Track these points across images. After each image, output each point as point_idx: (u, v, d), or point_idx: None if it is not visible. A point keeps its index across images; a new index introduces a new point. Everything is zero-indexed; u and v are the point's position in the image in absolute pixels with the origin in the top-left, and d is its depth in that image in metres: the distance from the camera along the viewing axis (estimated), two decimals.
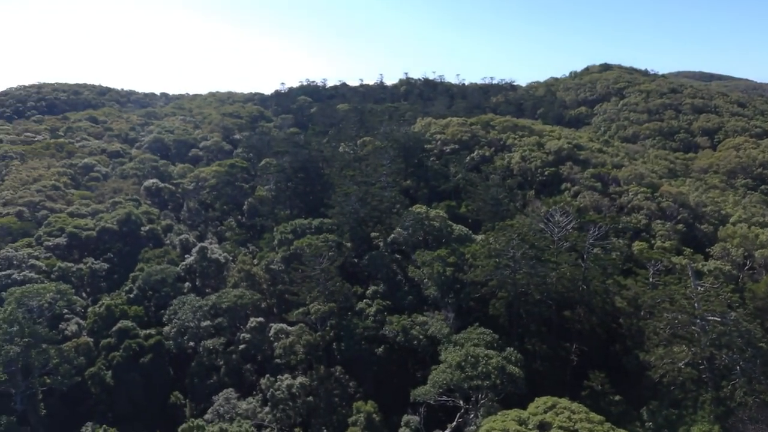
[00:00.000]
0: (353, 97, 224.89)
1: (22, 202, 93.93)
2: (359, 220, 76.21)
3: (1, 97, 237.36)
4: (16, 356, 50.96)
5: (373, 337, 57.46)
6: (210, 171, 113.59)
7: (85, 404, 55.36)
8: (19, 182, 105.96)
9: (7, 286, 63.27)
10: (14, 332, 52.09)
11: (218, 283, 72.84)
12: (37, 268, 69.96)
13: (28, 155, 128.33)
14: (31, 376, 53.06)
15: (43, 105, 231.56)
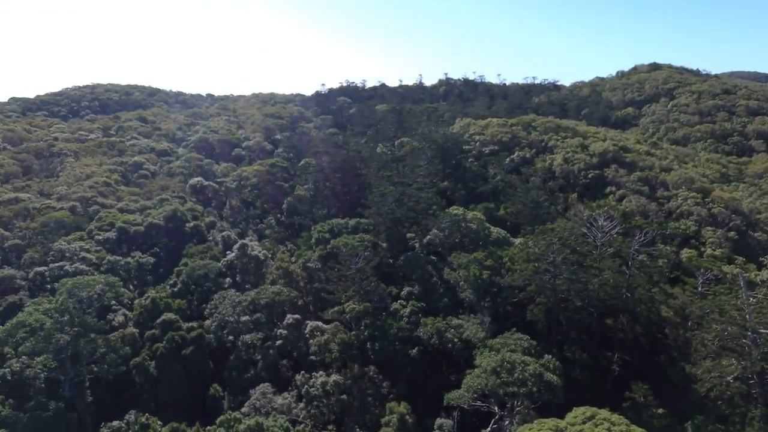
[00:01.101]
0: (392, 97, 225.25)
1: (75, 197, 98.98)
2: (395, 221, 76.21)
3: (57, 96, 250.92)
4: (66, 344, 53.52)
5: (407, 339, 57.29)
6: (252, 170, 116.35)
7: (129, 393, 57.54)
8: (72, 178, 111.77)
9: (59, 277, 66.82)
10: (65, 321, 54.76)
11: (257, 279, 74.47)
12: (87, 260, 73.53)
13: (81, 153, 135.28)
14: (80, 364, 55.56)
15: (97, 105, 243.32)
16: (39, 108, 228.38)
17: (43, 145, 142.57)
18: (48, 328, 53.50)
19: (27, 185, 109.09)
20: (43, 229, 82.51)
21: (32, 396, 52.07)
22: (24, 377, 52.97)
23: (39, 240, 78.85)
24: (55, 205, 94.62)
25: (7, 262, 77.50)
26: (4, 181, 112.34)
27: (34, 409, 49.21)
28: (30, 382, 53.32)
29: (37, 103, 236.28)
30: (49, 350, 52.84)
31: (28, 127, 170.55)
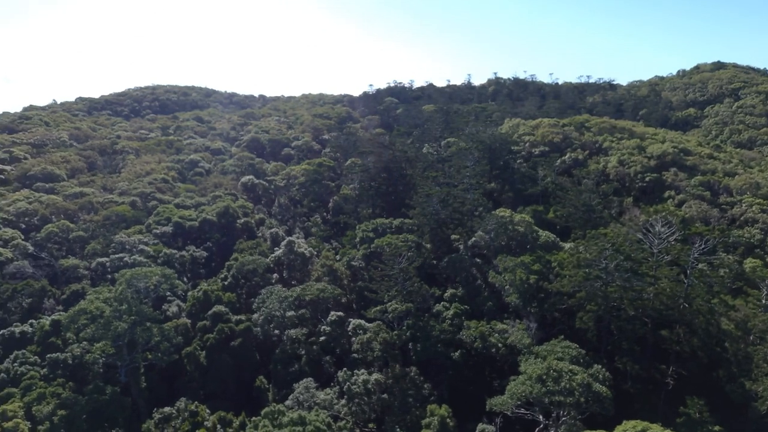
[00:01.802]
0: (439, 97, 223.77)
1: (136, 192, 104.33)
2: (440, 222, 75.62)
3: (120, 97, 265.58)
4: (123, 332, 56.39)
5: (450, 341, 56.73)
6: (300, 169, 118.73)
7: (180, 381, 60.01)
8: (133, 175, 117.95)
9: (119, 267, 70.62)
10: (123, 310, 57.73)
11: (303, 275, 75.90)
12: (145, 253, 77.30)
13: (142, 150, 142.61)
14: (135, 351, 58.35)
15: (157, 105, 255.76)
16: (103, 107, 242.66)
17: (106, 143, 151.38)
18: (107, 316, 56.51)
19: (91, 180, 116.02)
20: (106, 222, 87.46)
21: (91, 380, 55.34)
22: (84, 362, 56.37)
23: (101, 232, 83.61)
24: (117, 200, 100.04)
25: (71, 252, 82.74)
26: (71, 176, 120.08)
27: (92, 393, 52.22)
28: (89, 366, 56.68)
29: (101, 103, 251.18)
30: (107, 337, 55.75)
31: (93, 126, 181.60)
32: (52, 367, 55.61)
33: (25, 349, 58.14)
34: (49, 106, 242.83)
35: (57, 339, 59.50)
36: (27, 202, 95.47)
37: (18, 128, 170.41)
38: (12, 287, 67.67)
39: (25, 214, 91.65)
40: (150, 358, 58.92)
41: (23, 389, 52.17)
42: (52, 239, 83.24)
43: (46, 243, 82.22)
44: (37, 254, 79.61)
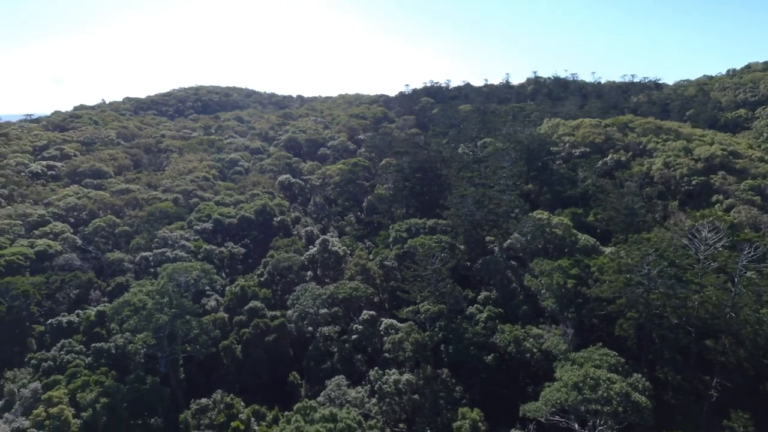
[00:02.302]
0: (476, 97, 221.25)
1: (178, 190, 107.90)
2: (474, 223, 74.71)
3: (165, 97, 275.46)
4: (164, 324, 58.24)
5: (483, 344, 55.95)
6: (335, 169, 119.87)
7: (217, 373, 61.62)
8: (176, 172, 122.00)
9: (161, 262, 73.18)
10: (164, 303, 59.71)
11: (336, 274, 76.60)
12: (186, 248, 79.81)
13: (184, 149, 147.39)
14: (175, 343, 60.23)
15: (199, 105, 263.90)
16: (149, 107, 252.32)
17: (151, 142, 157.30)
18: (149, 308, 58.55)
19: (137, 177, 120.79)
20: (150, 217, 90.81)
21: (132, 370, 57.53)
22: (126, 352, 58.67)
23: (145, 228, 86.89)
24: (161, 197, 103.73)
25: (117, 246, 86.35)
26: (117, 173, 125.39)
27: (133, 382, 54.25)
28: (131, 356, 58.93)
29: (147, 103, 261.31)
30: (149, 328, 57.74)
31: (140, 125, 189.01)
32: (96, 356, 58.12)
33: (72, 338, 61.02)
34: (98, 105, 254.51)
35: (101, 329, 62.16)
36: (76, 198, 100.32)
37: (69, 127, 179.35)
38: (61, 278, 71.16)
39: (74, 209, 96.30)
40: (189, 350, 60.65)
41: (68, 376, 54.69)
42: (99, 233, 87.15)
43: (94, 237, 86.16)
44: (85, 247, 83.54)
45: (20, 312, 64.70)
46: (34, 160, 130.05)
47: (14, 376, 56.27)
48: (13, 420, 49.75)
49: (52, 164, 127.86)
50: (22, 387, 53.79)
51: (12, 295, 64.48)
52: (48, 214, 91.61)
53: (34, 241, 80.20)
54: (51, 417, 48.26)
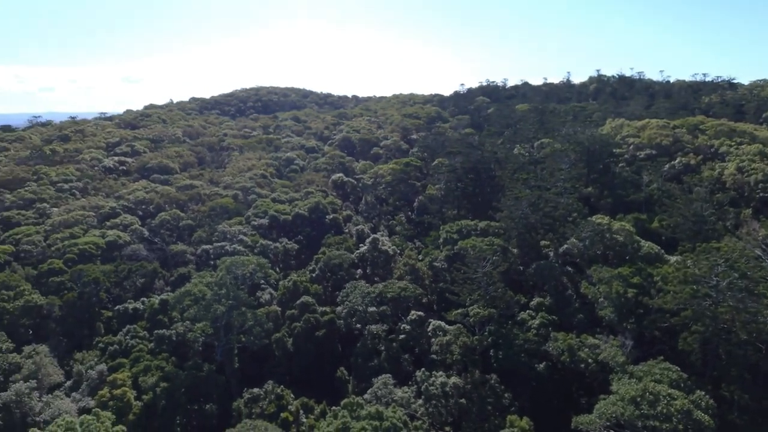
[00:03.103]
0: (535, 96, 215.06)
1: (238, 186, 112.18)
2: (529, 226, 72.67)
3: (228, 97, 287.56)
4: (221, 314, 60.84)
5: (534, 352, 54.39)
6: (387, 168, 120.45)
7: (269, 364, 63.46)
8: (236, 170, 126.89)
9: (220, 255, 76.39)
10: (222, 294, 62.29)
11: (386, 273, 76.97)
12: (244, 242, 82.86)
13: (244, 147, 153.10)
14: (231, 333, 62.73)
15: (259, 105, 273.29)
16: (213, 107, 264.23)
17: (214, 140, 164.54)
18: (208, 299, 61.31)
19: (200, 174, 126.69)
20: (211, 212, 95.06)
21: (191, 357, 60.46)
22: (186, 339, 61.72)
23: (207, 222, 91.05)
24: (222, 193, 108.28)
25: (180, 239, 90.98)
26: (183, 170, 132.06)
27: (191, 369, 56.98)
28: (190, 344, 61.95)
29: (211, 103, 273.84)
30: (207, 318, 60.50)
31: (204, 124, 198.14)
32: (158, 342, 61.50)
33: (137, 324, 64.87)
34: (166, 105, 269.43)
35: (164, 317, 65.70)
36: (145, 192, 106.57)
37: (139, 125, 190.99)
38: (128, 268, 75.81)
39: (143, 203, 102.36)
40: (243, 340, 62.94)
41: (132, 360, 58.15)
42: (165, 226, 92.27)
43: (160, 229, 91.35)
44: (151, 239, 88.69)
45: (91, 298, 69.52)
46: (107, 156, 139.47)
47: (83, 357, 60.41)
48: (80, 399, 53.55)
49: (123, 160, 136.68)
50: (90, 368, 57.69)
51: (84, 282, 69.40)
52: (119, 207, 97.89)
53: (106, 231, 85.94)
54: (115, 398, 51.49)
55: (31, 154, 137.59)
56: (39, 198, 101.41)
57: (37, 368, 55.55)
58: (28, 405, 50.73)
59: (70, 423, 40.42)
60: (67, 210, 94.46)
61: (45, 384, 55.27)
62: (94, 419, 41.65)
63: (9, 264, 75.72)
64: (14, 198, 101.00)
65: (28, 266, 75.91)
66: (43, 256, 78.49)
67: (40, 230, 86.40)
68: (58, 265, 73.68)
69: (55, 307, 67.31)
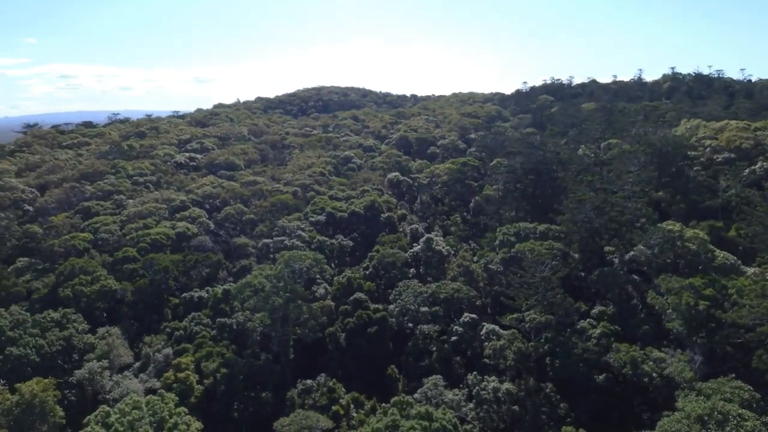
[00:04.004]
0: (602, 95, 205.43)
1: (297, 183, 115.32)
2: (592, 231, 69.59)
3: (291, 97, 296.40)
4: (279, 306, 62.79)
5: (594, 362, 52.11)
6: (443, 168, 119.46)
7: (322, 357, 64.87)
8: (297, 167, 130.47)
9: (279, 249, 78.87)
10: (280, 287, 64.29)
11: (439, 273, 76.41)
12: (302, 238, 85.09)
13: (305, 146, 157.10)
14: (287, 325, 64.67)
15: (320, 104, 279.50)
16: (276, 106, 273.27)
17: (277, 138, 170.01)
18: (267, 291, 63.46)
19: (263, 170, 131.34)
20: (272, 208, 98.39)
21: (249, 345, 62.92)
22: (245, 329, 64.28)
23: (268, 217, 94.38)
24: (282, 189, 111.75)
25: (243, 232, 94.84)
26: (247, 166, 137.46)
27: (250, 357, 59.29)
28: (249, 333, 64.45)
29: (275, 102, 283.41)
30: (266, 309, 62.64)
31: (268, 123, 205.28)
32: (220, 330, 64.45)
33: (201, 312, 68.29)
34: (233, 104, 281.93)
35: (226, 306, 68.75)
36: (212, 187, 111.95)
37: (209, 123, 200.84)
38: (195, 258, 79.93)
39: (210, 197, 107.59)
40: (298, 332, 64.74)
41: (196, 346, 61.27)
42: (229, 220, 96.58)
43: (224, 223, 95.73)
44: (217, 231, 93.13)
45: (160, 285, 73.95)
46: (179, 152, 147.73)
47: (151, 341, 64.31)
48: (147, 380, 57.06)
49: (193, 156, 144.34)
50: (157, 352, 61.35)
51: (154, 270, 73.89)
52: (188, 200, 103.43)
53: (175, 223, 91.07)
54: (179, 381, 54.49)
55: (110, 149, 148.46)
56: (116, 190, 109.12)
57: (110, 349, 59.71)
58: (100, 383, 54.63)
59: (137, 402, 43.13)
60: (141, 202, 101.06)
61: (116, 364, 59.33)
62: (159, 400, 44.23)
63: (88, 251, 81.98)
64: (94, 189, 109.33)
65: (105, 253, 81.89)
66: (119, 245, 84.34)
67: (116, 220, 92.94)
68: (132, 253, 78.92)
69: (128, 292, 72.15)
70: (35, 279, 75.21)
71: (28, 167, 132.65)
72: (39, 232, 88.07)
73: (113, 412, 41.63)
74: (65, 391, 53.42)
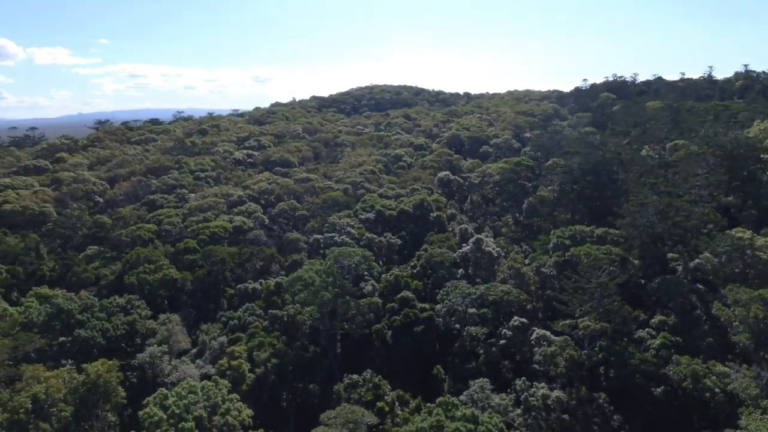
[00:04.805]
0: (668, 93, 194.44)
1: (348, 181, 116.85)
2: (654, 236, 66.13)
3: (344, 96, 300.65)
4: (328, 301, 63.99)
5: (652, 374, 49.63)
6: (496, 167, 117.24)
7: (368, 354, 65.33)
8: (348, 165, 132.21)
9: (330, 245, 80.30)
10: (329, 282, 65.46)
11: (488, 275, 75.14)
12: (351, 234, 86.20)
13: (356, 144, 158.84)
14: (335, 320, 65.74)
15: (372, 103, 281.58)
16: (330, 105, 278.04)
17: (330, 136, 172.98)
18: (317, 285, 64.78)
19: (315, 168, 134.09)
20: (323, 204, 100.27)
21: (299, 338, 64.47)
22: (295, 321, 65.93)
23: (319, 213, 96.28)
24: (334, 186, 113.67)
25: (295, 227, 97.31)
26: (300, 163, 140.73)
27: (299, 349, 60.72)
28: (299, 326, 66.06)
29: (329, 101, 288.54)
30: (315, 303, 64.05)
31: (321, 121, 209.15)
32: (272, 321, 66.44)
33: (254, 303, 70.64)
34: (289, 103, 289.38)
35: (277, 298, 70.77)
36: (267, 183, 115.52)
37: (266, 121, 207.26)
38: (250, 251, 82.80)
39: (265, 193, 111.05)
40: (346, 327, 65.64)
41: (248, 335, 63.45)
42: (283, 215, 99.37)
43: (278, 218, 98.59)
44: (271, 226, 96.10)
45: (217, 276, 77.14)
46: (237, 149, 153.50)
47: (207, 329, 67.20)
48: (203, 366, 59.70)
49: (250, 153, 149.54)
50: (212, 339, 64.07)
51: (212, 261, 77.16)
52: (245, 196, 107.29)
53: (233, 217, 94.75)
54: (232, 368, 56.68)
55: (174, 146, 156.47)
56: (179, 184, 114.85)
57: (169, 335, 62.90)
58: (159, 367, 57.65)
59: (193, 387, 45.29)
60: (202, 196, 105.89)
61: (174, 349, 62.41)
62: (213, 385, 46.26)
63: (152, 241, 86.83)
64: (159, 183, 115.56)
65: (168, 244, 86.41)
66: (180, 236, 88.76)
67: (179, 213, 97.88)
68: (192, 244, 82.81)
69: (188, 281, 75.79)
70: (103, 266, 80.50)
71: (99, 161, 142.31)
72: (108, 222, 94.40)
73: (171, 395, 43.94)
74: (127, 372, 56.69)
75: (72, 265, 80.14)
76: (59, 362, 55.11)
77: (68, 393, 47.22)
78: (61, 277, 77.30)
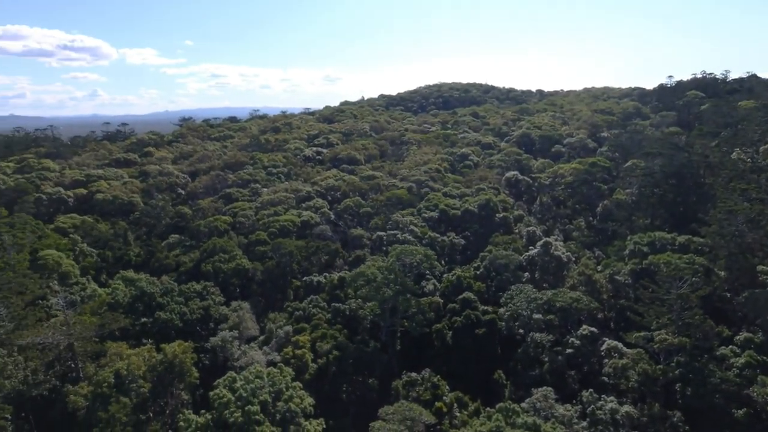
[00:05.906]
0: (763, 92, 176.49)
1: (413, 179, 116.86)
2: (743, 247, 60.66)
3: (412, 94, 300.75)
4: (389, 298, 64.42)
5: (734, 395, 45.71)
6: (569, 168, 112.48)
7: (428, 353, 65.05)
8: (413, 163, 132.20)
9: (392, 242, 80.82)
10: (391, 279, 65.86)
11: (556, 280, 72.33)
12: (414, 233, 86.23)
13: (422, 142, 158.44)
14: (396, 317, 66.05)
15: (440, 101, 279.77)
16: (398, 103, 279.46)
17: (396, 135, 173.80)
18: (379, 282, 65.47)
19: (381, 166, 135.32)
20: (387, 202, 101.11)
21: (360, 332, 65.44)
22: (357, 315, 66.98)
23: (383, 210, 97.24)
24: (398, 184, 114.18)
25: (359, 224, 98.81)
26: (366, 161, 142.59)
27: (359, 343, 61.67)
28: (360, 320, 67.04)
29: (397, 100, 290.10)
30: (376, 299, 64.71)
31: (388, 119, 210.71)
32: (334, 314, 67.95)
33: (318, 296, 72.60)
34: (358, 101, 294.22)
35: (340, 292, 72.26)
36: (334, 180, 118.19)
37: (334, 119, 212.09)
38: (316, 245, 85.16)
39: (332, 189, 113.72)
40: (406, 325, 65.70)
41: (312, 327, 65.27)
42: (348, 211, 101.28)
43: (343, 214, 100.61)
44: (336, 222, 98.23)
45: (285, 267, 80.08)
46: (307, 146, 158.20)
47: (274, 318, 69.94)
48: (269, 353, 62.17)
49: (319, 150, 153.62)
50: (279, 328, 66.55)
51: (281, 253, 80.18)
52: (312, 191, 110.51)
53: (301, 212, 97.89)
54: (296, 357, 58.59)
55: (249, 142, 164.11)
56: (253, 179, 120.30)
57: (240, 321, 66.19)
58: (230, 351, 60.78)
59: (259, 372, 47.31)
60: (273, 191, 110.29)
61: (244, 336, 65.60)
62: (278, 372, 48.04)
63: (227, 232, 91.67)
64: (235, 178, 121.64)
65: (241, 235, 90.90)
66: (253, 228, 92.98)
67: (252, 206, 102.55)
68: (263, 236, 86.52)
69: (258, 272, 79.30)
70: (183, 254, 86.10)
71: (182, 156, 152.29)
72: (188, 213, 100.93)
73: (239, 378, 46.17)
74: (200, 354, 60.16)
75: (155, 251, 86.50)
76: (140, 341, 59.39)
77: (147, 370, 50.78)
78: (145, 263, 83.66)
